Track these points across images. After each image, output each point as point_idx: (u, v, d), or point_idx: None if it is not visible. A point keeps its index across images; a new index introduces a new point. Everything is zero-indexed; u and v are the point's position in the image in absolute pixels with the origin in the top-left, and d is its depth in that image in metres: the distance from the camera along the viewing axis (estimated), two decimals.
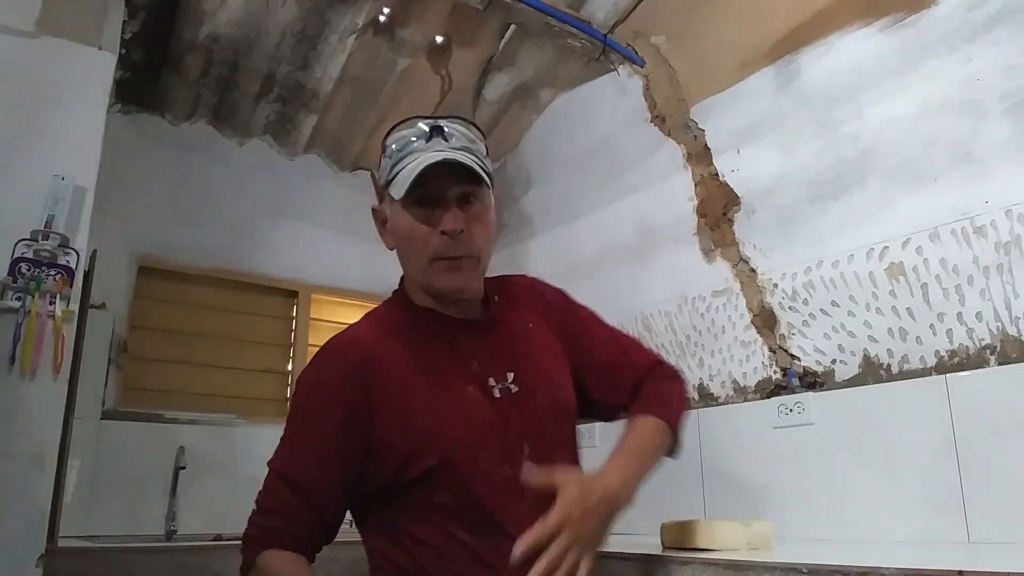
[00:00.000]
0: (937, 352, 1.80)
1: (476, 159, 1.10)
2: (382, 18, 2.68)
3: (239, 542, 1.10)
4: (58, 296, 1.81)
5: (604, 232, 2.86)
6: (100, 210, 2.00)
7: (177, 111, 2.96)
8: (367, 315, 1.24)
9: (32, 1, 1.96)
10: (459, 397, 1.09)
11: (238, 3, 2.54)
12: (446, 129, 1.11)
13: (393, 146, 1.13)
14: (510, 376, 1.13)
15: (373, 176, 1.26)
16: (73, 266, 1.85)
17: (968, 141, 1.78)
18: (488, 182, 1.11)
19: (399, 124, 1.14)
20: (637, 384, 1.22)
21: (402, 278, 1.23)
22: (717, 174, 2.44)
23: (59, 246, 1.84)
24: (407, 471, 1.05)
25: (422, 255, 1.11)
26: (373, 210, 1.22)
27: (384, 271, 3.45)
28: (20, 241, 1.79)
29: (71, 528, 2.20)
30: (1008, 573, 1.04)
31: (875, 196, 1.97)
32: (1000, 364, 1.67)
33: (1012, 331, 1.67)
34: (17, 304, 1.75)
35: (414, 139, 1.10)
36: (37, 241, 1.81)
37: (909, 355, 1.85)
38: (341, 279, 3.29)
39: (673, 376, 1.27)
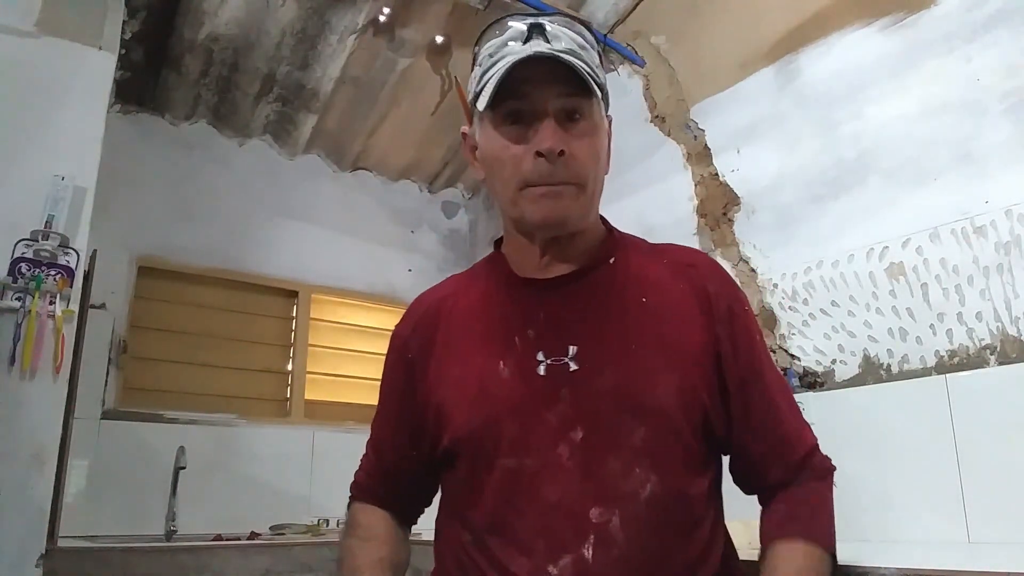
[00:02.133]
0: (937, 352, 1.80)
1: (585, 66, 0.86)
2: (382, 18, 2.68)
3: (239, 542, 1.10)
4: (58, 296, 1.81)
5: None
6: (100, 210, 2.00)
7: (177, 111, 2.96)
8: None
9: (32, 1, 1.96)
10: (484, 372, 0.90)
11: (238, 3, 2.55)
12: (548, 28, 0.88)
13: (485, 52, 0.90)
14: (571, 350, 0.88)
15: (462, 93, 1.05)
16: (73, 266, 1.85)
17: (968, 141, 1.78)
18: (600, 95, 0.88)
19: (490, 26, 0.91)
20: (781, 481, 1.00)
21: None
22: (717, 174, 2.44)
23: (59, 246, 1.84)
24: (436, 448, 0.93)
25: (511, 182, 0.88)
26: (463, 135, 1.00)
27: (384, 271, 3.51)
28: (20, 241, 1.79)
29: (71, 528, 2.20)
30: (1008, 573, 1.05)
31: (875, 196, 1.97)
32: (1000, 364, 1.67)
33: (1012, 331, 1.67)
34: (17, 304, 1.76)
35: (509, 42, 0.87)
36: (37, 241, 1.81)
37: (909, 355, 1.85)
38: (341, 279, 3.29)
39: (823, 474, 1.02)
